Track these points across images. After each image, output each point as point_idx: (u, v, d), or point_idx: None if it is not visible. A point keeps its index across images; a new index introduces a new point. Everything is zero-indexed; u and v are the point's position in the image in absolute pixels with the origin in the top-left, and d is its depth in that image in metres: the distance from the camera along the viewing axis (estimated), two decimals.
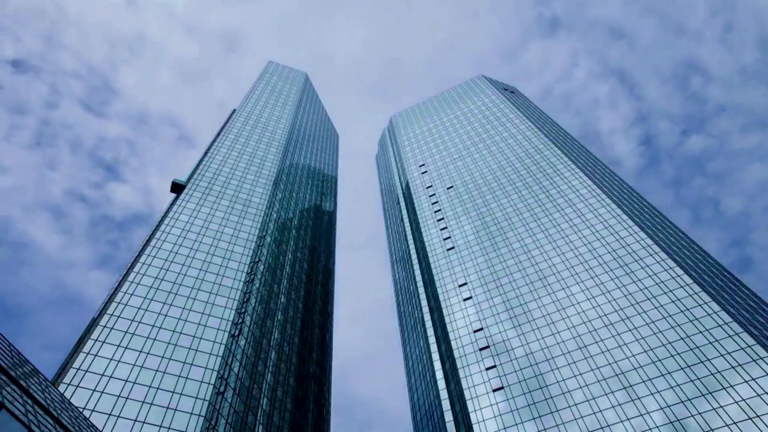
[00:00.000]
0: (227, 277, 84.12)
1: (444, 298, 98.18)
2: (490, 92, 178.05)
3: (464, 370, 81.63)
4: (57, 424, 28.64)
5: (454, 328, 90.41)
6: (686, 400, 62.91)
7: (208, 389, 64.00)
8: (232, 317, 76.87)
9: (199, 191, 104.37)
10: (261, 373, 77.99)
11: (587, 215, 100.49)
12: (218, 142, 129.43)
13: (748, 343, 65.45)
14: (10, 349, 32.39)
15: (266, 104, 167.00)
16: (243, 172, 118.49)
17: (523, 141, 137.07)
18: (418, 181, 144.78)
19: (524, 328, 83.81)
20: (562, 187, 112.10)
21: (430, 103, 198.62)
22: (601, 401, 67.88)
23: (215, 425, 61.34)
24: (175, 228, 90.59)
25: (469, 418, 73.80)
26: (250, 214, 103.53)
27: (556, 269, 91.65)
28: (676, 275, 79.41)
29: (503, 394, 75.14)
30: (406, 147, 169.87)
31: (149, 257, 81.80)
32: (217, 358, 68.99)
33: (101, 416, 55.63)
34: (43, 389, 32.15)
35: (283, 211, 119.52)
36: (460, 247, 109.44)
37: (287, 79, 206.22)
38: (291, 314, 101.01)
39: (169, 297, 75.75)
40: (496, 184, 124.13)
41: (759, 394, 59.73)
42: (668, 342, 70.57)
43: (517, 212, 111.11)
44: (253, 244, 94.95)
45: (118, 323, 68.27)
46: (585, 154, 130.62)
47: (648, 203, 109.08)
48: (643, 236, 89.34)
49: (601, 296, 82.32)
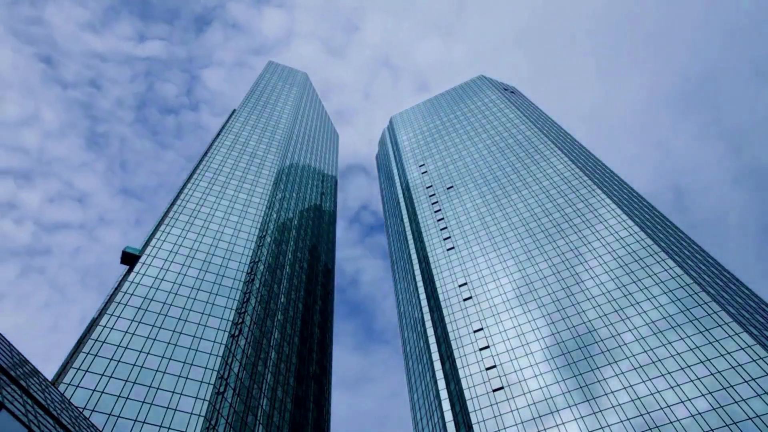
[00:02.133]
0: (227, 277, 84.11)
1: (444, 298, 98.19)
2: (490, 92, 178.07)
3: (464, 370, 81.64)
4: (57, 424, 28.65)
5: (454, 328, 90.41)
6: (686, 400, 62.90)
7: (208, 389, 64.01)
8: (232, 317, 76.87)
9: (200, 191, 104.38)
10: (261, 373, 77.99)
11: (587, 215, 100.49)
12: (218, 142, 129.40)
13: (748, 343, 65.46)
14: (10, 349, 32.40)
15: (266, 104, 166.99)
16: (243, 172, 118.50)
17: (523, 141, 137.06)
18: (418, 181, 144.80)
19: (524, 328, 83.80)
20: (562, 187, 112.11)
21: (430, 103, 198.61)
22: (602, 401, 67.87)
23: (215, 425, 61.35)
24: (176, 228, 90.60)
25: (469, 418, 73.81)
26: (250, 214, 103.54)
27: (556, 269, 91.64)
28: (676, 275, 79.40)
29: (503, 394, 75.14)
30: (406, 147, 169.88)
31: (149, 257, 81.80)
32: (217, 358, 69.00)
33: (101, 416, 55.63)
34: (43, 389, 32.16)
35: (283, 211, 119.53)
36: (460, 247, 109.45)
37: (287, 79, 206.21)
38: (291, 314, 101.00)
39: (169, 297, 75.75)
40: (496, 184, 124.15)
41: (759, 394, 59.73)
42: (668, 342, 70.56)
43: (516, 212, 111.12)
44: (253, 244, 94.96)
45: (118, 323, 68.28)
46: (585, 154, 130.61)
47: (648, 203, 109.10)
48: (643, 236, 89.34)
49: (601, 296, 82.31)
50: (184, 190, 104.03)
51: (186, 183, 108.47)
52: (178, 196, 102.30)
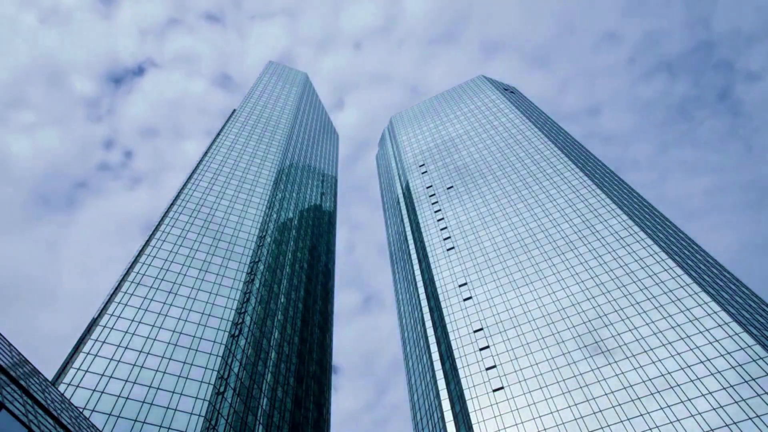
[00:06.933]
0: (227, 277, 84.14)
1: (444, 298, 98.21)
2: (490, 92, 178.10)
3: (464, 370, 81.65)
4: (57, 424, 28.66)
5: (454, 328, 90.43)
6: (686, 400, 62.92)
7: (208, 389, 64.03)
8: (232, 317, 76.90)
9: (200, 191, 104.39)
10: (261, 373, 78.00)
11: (587, 215, 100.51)
12: (218, 141, 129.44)
13: (747, 343, 65.47)
14: (10, 349, 32.40)
15: (266, 104, 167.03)
16: (243, 173, 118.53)
17: (523, 141, 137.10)
18: (418, 181, 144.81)
19: (524, 328, 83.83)
20: (562, 187, 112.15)
21: (430, 102, 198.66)
22: (602, 401, 67.89)
23: (215, 425, 61.36)
24: (176, 228, 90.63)
25: (469, 418, 73.82)
26: (250, 214, 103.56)
27: (557, 269, 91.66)
28: (676, 275, 79.42)
29: (503, 394, 75.15)
30: (406, 147, 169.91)
31: (149, 257, 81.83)
32: (217, 358, 69.02)
33: (101, 416, 55.64)
34: (43, 389, 32.17)
35: (283, 211, 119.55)
36: (460, 247, 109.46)
37: (287, 79, 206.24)
38: (291, 314, 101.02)
39: (169, 297, 75.78)
40: (496, 184, 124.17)
41: (759, 394, 59.74)
42: (668, 342, 70.57)
43: (516, 212, 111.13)
44: (253, 244, 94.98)
45: (118, 323, 68.30)
46: (585, 154, 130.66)
47: (648, 203, 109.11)
48: (643, 236, 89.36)
49: (601, 296, 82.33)
50: (184, 190, 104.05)
51: (186, 183, 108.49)
52: (178, 196, 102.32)
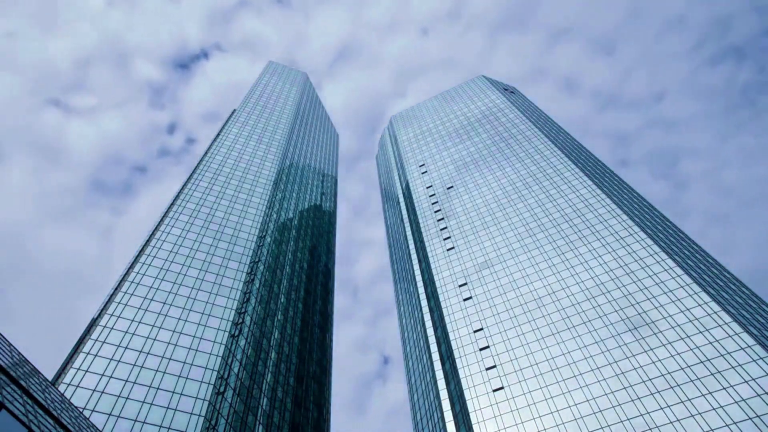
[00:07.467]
0: (227, 277, 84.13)
1: (444, 298, 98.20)
2: (490, 92, 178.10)
3: (464, 370, 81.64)
4: (57, 424, 28.65)
5: (454, 328, 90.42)
6: (686, 400, 62.93)
7: (208, 389, 64.02)
8: (232, 317, 76.89)
9: (200, 191, 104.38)
10: (261, 373, 78.00)
11: (587, 215, 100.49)
12: (218, 141, 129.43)
13: (748, 343, 65.47)
14: (10, 349, 32.40)
15: (266, 104, 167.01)
16: (243, 172, 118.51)
17: (523, 141, 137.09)
18: (418, 181, 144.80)
19: (524, 328, 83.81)
20: (562, 187, 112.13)
21: (430, 103, 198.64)
22: (602, 401, 67.88)
23: (215, 425, 61.35)
24: (176, 228, 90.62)
25: (469, 418, 73.81)
26: (250, 214, 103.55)
27: (557, 269, 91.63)
28: (676, 275, 79.41)
29: (503, 394, 75.14)
30: (406, 147, 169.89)
31: (149, 257, 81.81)
32: (217, 358, 69.02)
33: (101, 416, 55.64)
34: (43, 389, 32.16)
35: (283, 211, 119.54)
36: (460, 247, 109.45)
37: (287, 79, 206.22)
38: (291, 314, 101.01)
39: (169, 297, 75.77)
40: (496, 184, 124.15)
41: (759, 394, 59.74)
42: (668, 342, 70.56)
43: (516, 212, 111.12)
44: (253, 244, 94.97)
45: (118, 323, 68.29)
46: (585, 155, 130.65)
47: (648, 203, 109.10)
48: (643, 236, 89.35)
49: (601, 296, 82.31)
50: (184, 190, 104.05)
51: (186, 183, 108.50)
52: (178, 196, 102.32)
